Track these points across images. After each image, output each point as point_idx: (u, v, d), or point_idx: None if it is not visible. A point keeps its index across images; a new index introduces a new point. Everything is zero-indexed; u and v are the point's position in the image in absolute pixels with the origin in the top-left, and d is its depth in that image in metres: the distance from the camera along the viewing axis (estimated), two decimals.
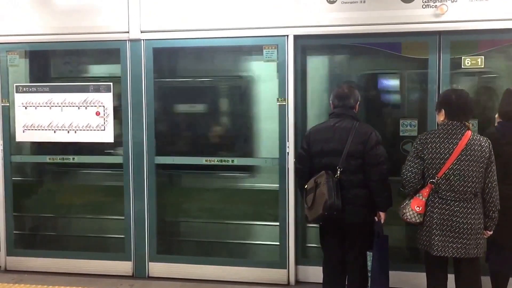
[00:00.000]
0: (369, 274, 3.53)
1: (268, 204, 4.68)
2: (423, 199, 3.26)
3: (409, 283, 4.14)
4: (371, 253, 3.49)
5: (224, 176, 4.95)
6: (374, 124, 3.72)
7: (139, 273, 4.58)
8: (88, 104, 4.64)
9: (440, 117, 3.35)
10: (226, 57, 4.92)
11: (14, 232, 4.87)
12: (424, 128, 4.03)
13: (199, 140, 5.00)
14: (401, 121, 4.29)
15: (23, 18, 4.62)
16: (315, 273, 4.16)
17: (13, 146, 4.84)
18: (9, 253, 4.82)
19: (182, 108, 5.06)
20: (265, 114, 4.75)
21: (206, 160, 4.56)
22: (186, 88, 5.07)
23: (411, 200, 3.30)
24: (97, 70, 5.29)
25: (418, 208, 3.26)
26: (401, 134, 4.28)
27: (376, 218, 3.50)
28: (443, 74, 4.04)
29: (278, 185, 4.37)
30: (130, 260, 4.61)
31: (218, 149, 4.86)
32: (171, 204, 5.00)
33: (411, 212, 3.28)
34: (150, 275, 4.58)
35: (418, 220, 3.29)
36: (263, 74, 4.76)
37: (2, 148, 4.78)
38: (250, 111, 4.92)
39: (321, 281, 3.74)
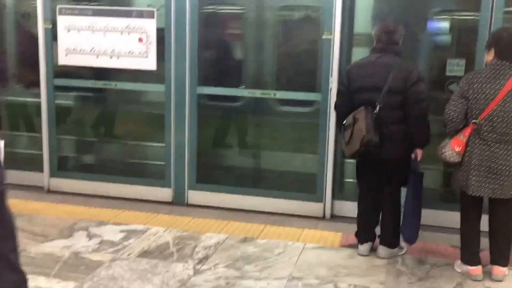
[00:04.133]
0: (402, 210, 3.84)
1: (307, 138, 4.99)
2: (464, 139, 3.43)
3: (442, 222, 4.42)
4: (406, 189, 3.76)
5: (264, 107, 5.22)
6: (420, 63, 3.88)
7: (178, 200, 5.00)
8: (131, 30, 4.91)
9: (489, 57, 3.46)
10: None
11: (58, 154, 5.35)
12: (471, 69, 4.13)
13: (242, 72, 5.23)
14: (448, 61, 4.43)
15: None
16: (350, 208, 4.48)
17: (55, 70, 5.20)
18: (52, 174, 5.29)
19: (227, 38, 5.25)
20: (310, 48, 4.93)
21: (248, 92, 4.85)
22: (232, 18, 5.25)
23: (451, 140, 3.48)
24: None
25: (457, 148, 3.45)
26: (447, 74, 4.42)
27: (412, 155, 3.72)
28: (496, 14, 4.11)
29: (319, 119, 4.65)
30: (170, 187, 5.02)
31: (261, 81, 5.09)
32: (211, 135, 5.34)
33: (450, 152, 3.49)
34: (188, 202, 4.99)
35: (456, 160, 3.49)
36: (310, 5, 4.90)
37: (45, 71, 5.17)
38: (295, 44, 5.10)
39: (355, 216, 4.05)
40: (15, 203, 4.83)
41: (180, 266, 3.67)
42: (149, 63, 4.89)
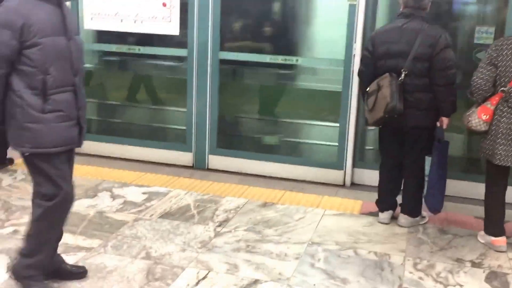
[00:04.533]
0: (426, 179, 3.81)
1: (329, 106, 4.94)
2: (491, 108, 3.36)
3: (466, 192, 4.38)
4: (430, 158, 3.72)
5: (286, 75, 5.18)
6: (447, 30, 3.78)
7: (199, 165, 5.03)
8: None
9: None
10: None
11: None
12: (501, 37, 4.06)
13: (264, 38, 5.18)
14: (476, 28, 4.32)
15: None
16: (370, 176, 4.47)
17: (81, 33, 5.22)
18: None
19: (249, 4, 5.21)
20: (334, 14, 4.85)
21: (270, 58, 4.81)
22: None
23: (478, 108, 3.42)
24: None
25: (485, 116, 3.38)
26: (475, 41, 4.32)
27: (438, 123, 3.66)
28: None
29: (341, 86, 4.60)
30: (191, 152, 5.05)
31: (283, 47, 5.05)
32: (232, 101, 5.33)
33: (477, 120, 3.42)
34: (209, 167, 5.02)
35: (483, 129, 3.42)
36: None
37: None
38: (318, 10, 5.03)
39: (376, 184, 4.03)
40: None
41: (201, 228, 3.72)
42: (172, 28, 4.87)
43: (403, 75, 3.54)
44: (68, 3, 2.82)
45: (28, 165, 2.67)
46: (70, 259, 3.12)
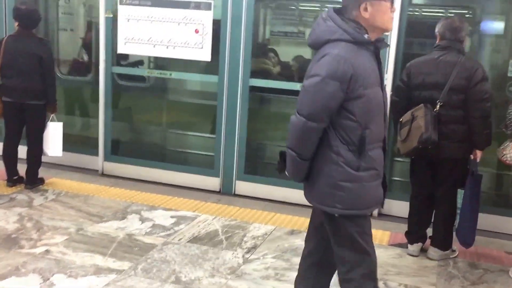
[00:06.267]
0: (458, 212, 3.73)
1: None
2: None
3: (497, 227, 4.28)
4: (463, 191, 3.65)
5: None
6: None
7: (226, 190, 5.01)
8: (187, 21, 4.95)
9: None
10: None
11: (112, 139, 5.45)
12: None
13: (293, 66, 5.21)
14: (510, 61, 4.28)
15: None
16: (398, 206, 4.40)
17: (114, 58, 5.30)
18: (106, 158, 5.39)
19: (281, 33, 5.24)
20: None
21: (300, 86, 4.79)
22: (285, 13, 5.23)
23: None
24: None
25: None
26: (509, 74, 4.28)
27: (472, 156, 3.61)
28: None
29: None
30: (218, 177, 5.05)
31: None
32: (261, 127, 5.34)
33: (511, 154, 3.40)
34: (236, 192, 5.01)
35: None
36: None
37: (104, 59, 5.26)
38: None
39: (404, 215, 3.96)
40: (72, 184, 4.98)
41: (230, 254, 3.68)
42: (204, 54, 4.92)
43: (438, 106, 3.51)
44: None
45: (333, 226, 2.41)
46: (100, 281, 3.10)
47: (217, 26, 4.84)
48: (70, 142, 5.22)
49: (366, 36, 2.26)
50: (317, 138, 2.28)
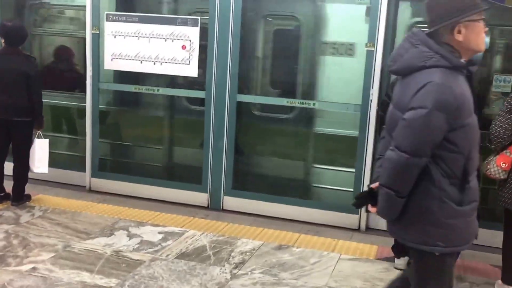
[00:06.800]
0: None
1: (344, 151, 4.94)
2: (510, 156, 3.36)
3: (483, 240, 4.27)
4: None
5: (302, 119, 5.21)
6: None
7: (214, 205, 5.00)
8: (175, 37, 4.98)
9: None
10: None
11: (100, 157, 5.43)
12: None
13: (281, 82, 5.25)
14: (495, 76, 4.36)
15: None
16: (385, 221, 4.41)
17: (101, 74, 5.30)
18: (93, 175, 5.37)
19: (267, 49, 5.28)
20: (349, 60, 4.91)
21: (287, 102, 4.84)
22: (271, 30, 5.29)
23: (497, 156, 3.41)
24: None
25: (504, 164, 3.36)
26: (493, 89, 4.35)
27: None
28: None
29: (357, 132, 4.61)
30: (206, 192, 5.04)
31: (300, 92, 5.10)
32: (248, 142, 5.36)
33: (495, 168, 3.41)
34: (224, 207, 5.00)
35: (502, 177, 3.41)
36: (351, 17, 4.89)
37: (91, 75, 5.26)
38: (334, 56, 5.09)
39: None
40: (59, 200, 4.94)
41: (217, 270, 3.66)
42: (191, 70, 4.94)
43: None
44: None
45: (424, 264, 2.27)
46: None
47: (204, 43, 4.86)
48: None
49: (462, 60, 2.15)
50: (418, 173, 2.13)
